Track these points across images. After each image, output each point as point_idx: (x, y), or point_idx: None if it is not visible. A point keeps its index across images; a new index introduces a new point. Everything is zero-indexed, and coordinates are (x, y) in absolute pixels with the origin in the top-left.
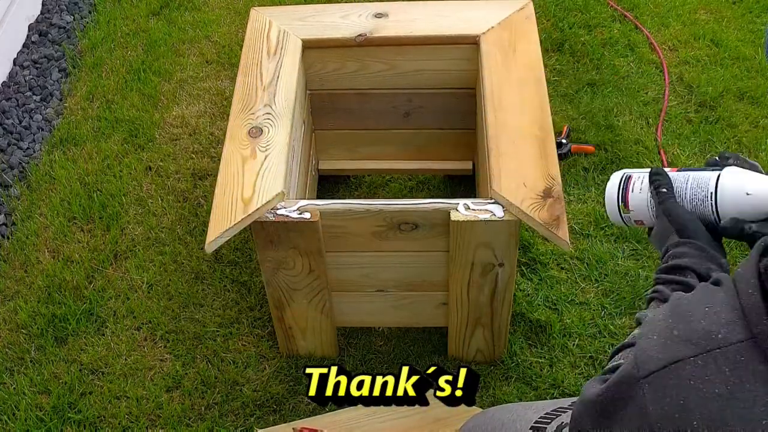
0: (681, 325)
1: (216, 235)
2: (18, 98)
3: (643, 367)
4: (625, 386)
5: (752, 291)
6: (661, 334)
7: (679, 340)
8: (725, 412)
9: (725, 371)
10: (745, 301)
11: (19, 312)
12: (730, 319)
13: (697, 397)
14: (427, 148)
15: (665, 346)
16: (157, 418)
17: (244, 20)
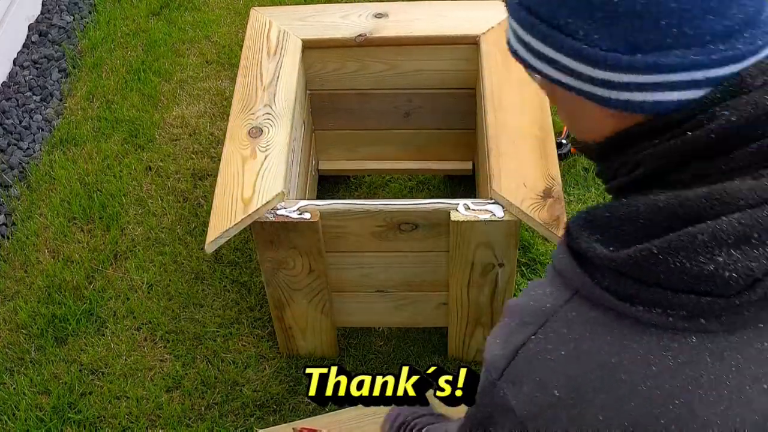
0: (515, 318)
1: (216, 235)
2: (18, 98)
3: (494, 369)
4: (487, 398)
5: (562, 255)
6: (500, 334)
7: (517, 328)
8: (577, 368)
9: (564, 333)
10: (558, 266)
11: (19, 312)
12: (554, 289)
13: (548, 368)
14: (427, 148)
15: (507, 342)
16: (157, 418)
17: (244, 20)
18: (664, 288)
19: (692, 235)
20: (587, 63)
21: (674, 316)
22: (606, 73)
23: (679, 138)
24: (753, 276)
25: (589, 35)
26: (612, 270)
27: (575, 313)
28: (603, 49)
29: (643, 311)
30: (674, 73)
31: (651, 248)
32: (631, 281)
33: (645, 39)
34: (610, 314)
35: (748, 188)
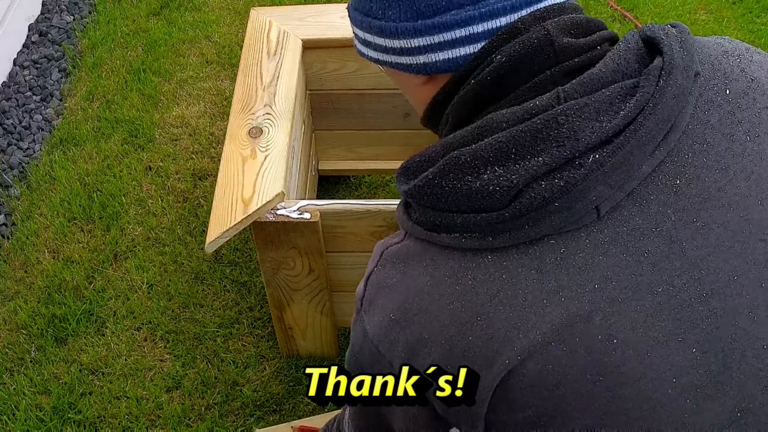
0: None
1: (216, 235)
2: (18, 98)
3: (358, 302)
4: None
5: (399, 204)
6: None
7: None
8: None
9: (395, 263)
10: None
11: (19, 312)
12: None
13: (386, 294)
14: None
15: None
16: (157, 418)
17: (244, 20)
18: (450, 212)
19: (456, 158)
20: (387, 36)
21: (467, 238)
22: (401, 41)
23: (467, 86)
24: (515, 187)
25: (386, 13)
26: (416, 204)
27: (403, 247)
28: (396, 21)
29: (446, 237)
30: (453, 30)
31: (428, 175)
32: (430, 210)
33: (425, 6)
34: (425, 244)
35: (509, 112)
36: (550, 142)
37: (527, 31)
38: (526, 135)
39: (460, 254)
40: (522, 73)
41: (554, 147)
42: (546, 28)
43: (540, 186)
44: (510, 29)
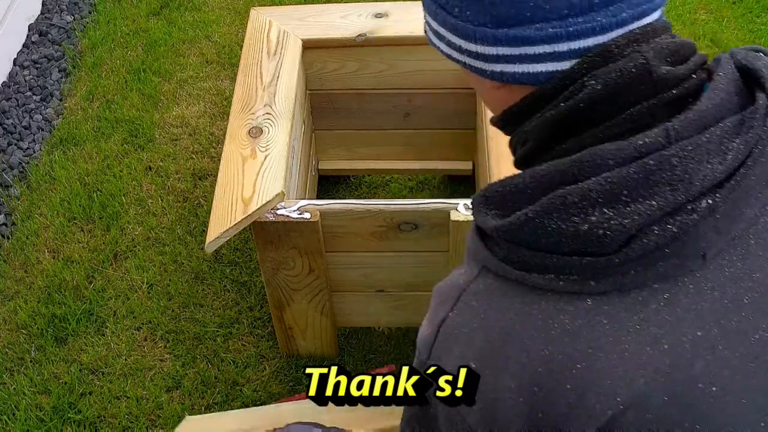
0: (437, 298)
1: (216, 235)
2: (18, 98)
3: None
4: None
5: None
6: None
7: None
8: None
9: (474, 305)
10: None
11: (19, 312)
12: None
13: (464, 340)
14: (427, 148)
15: (430, 321)
16: (157, 418)
17: (244, 20)
18: (549, 252)
19: (562, 197)
20: (463, 37)
21: (565, 280)
22: (478, 46)
23: (554, 110)
24: (627, 232)
25: (463, 12)
26: (504, 240)
27: (482, 286)
28: (474, 24)
29: (538, 277)
30: (536, 45)
31: (527, 212)
32: (522, 249)
33: (507, 13)
34: (512, 284)
35: (615, 148)
36: (663, 185)
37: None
38: (639, 176)
39: (555, 297)
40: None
41: (668, 190)
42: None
43: (653, 232)
44: (602, 51)
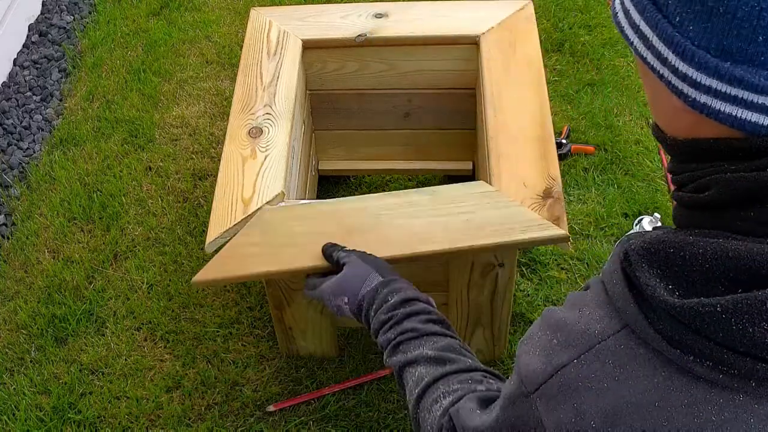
0: (558, 334)
1: (216, 235)
2: (18, 98)
3: (529, 383)
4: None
5: (616, 281)
6: (541, 347)
7: (560, 347)
8: (618, 403)
9: (609, 364)
10: (611, 292)
11: (19, 312)
12: (603, 314)
13: (589, 396)
14: (427, 149)
15: (547, 357)
16: (157, 418)
17: (244, 20)
18: (720, 345)
19: (761, 301)
20: (674, 52)
21: (725, 374)
22: (690, 68)
23: (758, 172)
24: None
25: (684, 24)
26: (670, 316)
27: (623, 347)
28: (694, 43)
29: (693, 362)
30: (758, 95)
31: (716, 305)
32: (688, 331)
33: (738, 48)
34: (660, 357)
35: None
36: None
37: None
38: None
39: (707, 385)
40: None
41: None
42: None
43: None
44: None
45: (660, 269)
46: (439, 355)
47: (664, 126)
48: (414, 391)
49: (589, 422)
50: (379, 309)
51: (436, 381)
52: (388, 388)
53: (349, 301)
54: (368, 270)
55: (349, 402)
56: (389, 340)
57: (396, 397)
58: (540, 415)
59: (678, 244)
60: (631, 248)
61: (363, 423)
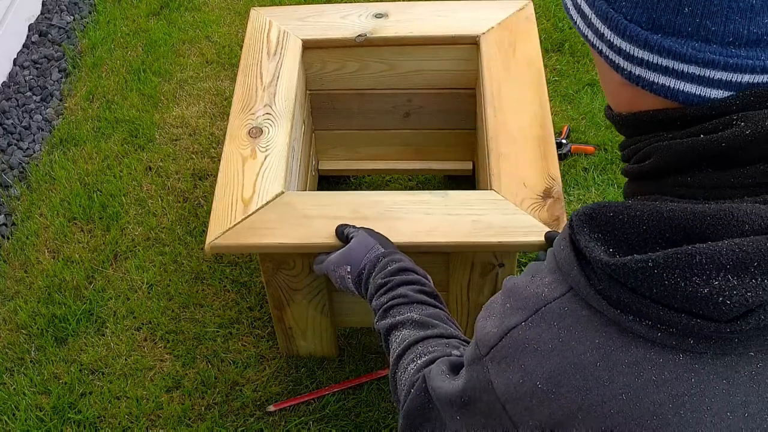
0: (512, 298)
1: (216, 235)
2: (18, 98)
3: (483, 345)
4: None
5: (563, 247)
6: (495, 311)
7: (511, 311)
8: (562, 364)
9: (554, 326)
10: (559, 257)
11: (19, 312)
12: (552, 279)
13: (535, 357)
14: (427, 148)
15: (500, 320)
16: (157, 418)
17: (244, 20)
18: (656, 302)
19: (690, 255)
20: (609, 27)
21: (663, 332)
22: (623, 42)
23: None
24: (747, 306)
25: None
26: (607, 275)
27: (567, 309)
28: (627, 17)
29: (633, 321)
30: (687, 64)
31: (647, 261)
32: (625, 290)
33: (666, 20)
34: (601, 317)
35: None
36: None
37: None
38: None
39: (646, 344)
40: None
41: None
42: None
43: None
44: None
45: (600, 233)
46: (423, 320)
47: (611, 103)
48: (395, 351)
49: (535, 382)
50: (377, 275)
51: (416, 342)
52: (387, 388)
53: (351, 270)
54: (372, 242)
55: (349, 402)
56: (381, 304)
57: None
58: (490, 377)
59: (617, 208)
60: (575, 214)
61: (363, 423)
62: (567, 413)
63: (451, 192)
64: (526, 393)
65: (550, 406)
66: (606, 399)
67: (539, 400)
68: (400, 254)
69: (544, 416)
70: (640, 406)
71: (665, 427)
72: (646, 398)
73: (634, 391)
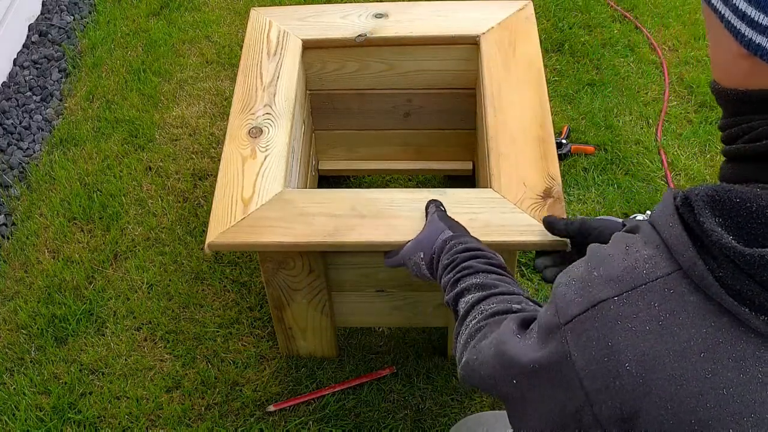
0: (601, 268)
1: (216, 235)
2: (18, 98)
3: (563, 314)
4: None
5: (672, 224)
6: (579, 278)
7: (601, 281)
8: (659, 349)
9: (654, 306)
10: (666, 234)
11: (19, 312)
12: (654, 255)
13: (626, 336)
14: (427, 149)
15: (585, 289)
16: (157, 418)
17: (244, 20)
18: None
19: None
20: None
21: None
22: (749, 7)
23: None
24: None
25: None
26: (732, 263)
27: (673, 291)
28: None
29: (749, 314)
30: None
31: None
32: (751, 282)
33: None
34: (712, 305)
35: None
36: None
37: None
38: None
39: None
40: None
41: None
42: None
43: None
44: None
45: (722, 218)
46: (487, 282)
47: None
48: (460, 314)
49: (623, 363)
50: (445, 255)
51: (479, 301)
52: (388, 388)
53: (424, 256)
54: (442, 227)
55: (349, 402)
56: (449, 280)
57: (396, 396)
58: (569, 349)
59: (744, 195)
60: (695, 194)
61: (363, 423)
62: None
63: (449, 190)
64: (610, 372)
65: (635, 390)
66: (704, 392)
67: (624, 383)
68: (469, 236)
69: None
70: (741, 403)
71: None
72: (748, 395)
73: (737, 387)
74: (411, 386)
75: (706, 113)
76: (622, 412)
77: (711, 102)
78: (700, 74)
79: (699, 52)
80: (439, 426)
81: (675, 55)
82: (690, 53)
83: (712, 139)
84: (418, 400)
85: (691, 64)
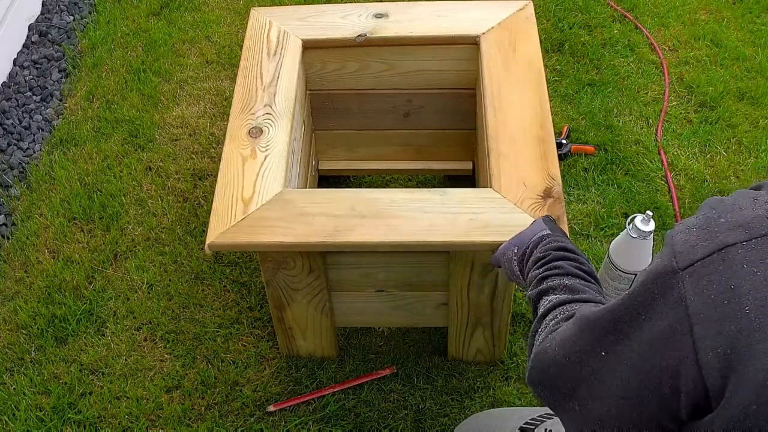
0: (728, 215)
1: (216, 235)
2: (18, 98)
3: (683, 258)
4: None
5: None
6: (702, 226)
7: (728, 227)
8: None
9: None
10: None
11: (19, 312)
12: None
13: (751, 281)
14: (427, 149)
15: (711, 234)
16: (157, 418)
17: (244, 20)
18: None
19: None
20: None
21: None
22: None
23: None
24: None
25: None
26: None
27: None
28: None
29: None
30: None
31: None
32: None
33: None
34: None
35: None
36: None
37: None
38: None
39: None
40: None
41: None
42: None
43: None
44: None
45: None
46: (574, 286)
47: None
48: (541, 312)
49: (743, 306)
50: (537, 250)
51: (563, 303)
52: (388, 388)
53: (517, 251)
54: (543, 226)
55: (349, 402)
56: (537, 275)
57: (396, 396)
58: (684, 293)
59: None
60: None
61: (363, 423)
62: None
63: (449, 190)
64: (727, 316)
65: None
66: None
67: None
68: (566, 238)
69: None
70: None
71: None
72: None
73: None
74: (411, 386)
75: (706, 113)
76: (729, 361)
77: (711, 102)
78: (700, 74)
79: (699, 52)
80: (439, 426)
81: (675, 55)
82: (690, 53)
83: (712, 139)
84: (418, 400)
85: (691, 64)
